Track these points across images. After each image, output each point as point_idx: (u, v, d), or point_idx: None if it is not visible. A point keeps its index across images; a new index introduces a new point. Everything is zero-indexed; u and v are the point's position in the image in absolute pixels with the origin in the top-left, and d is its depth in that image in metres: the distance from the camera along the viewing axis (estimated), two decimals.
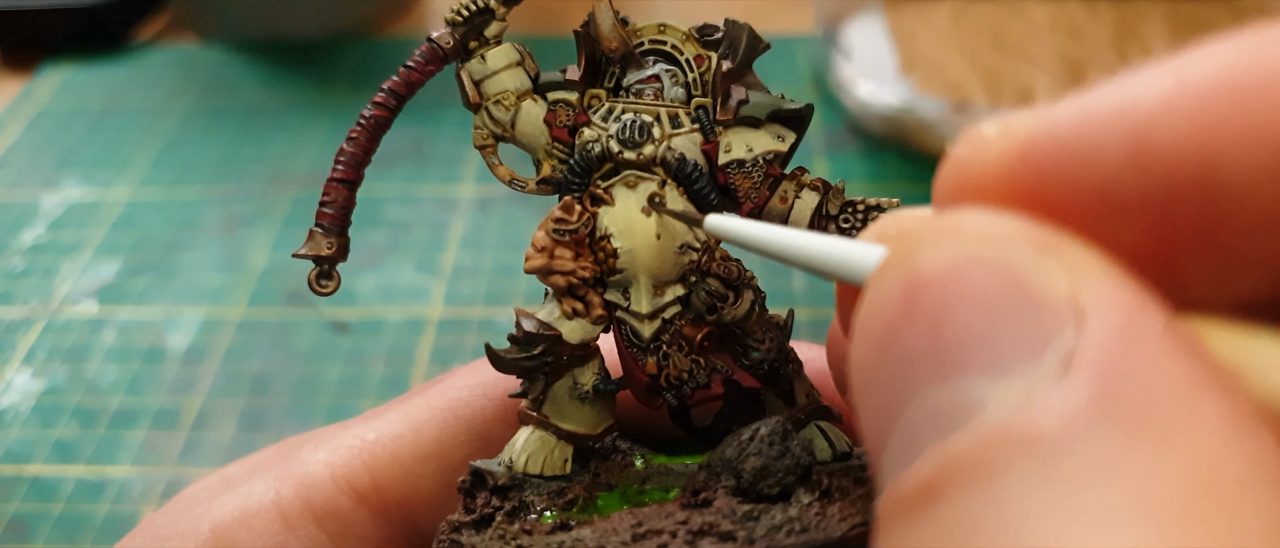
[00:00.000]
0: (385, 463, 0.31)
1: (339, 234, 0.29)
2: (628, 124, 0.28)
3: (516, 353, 0.28)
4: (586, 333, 0.28)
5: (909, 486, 0.15)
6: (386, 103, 0.29)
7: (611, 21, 0.28)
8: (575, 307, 0.28)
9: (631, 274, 0.28)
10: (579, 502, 0.28)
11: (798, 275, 0.62)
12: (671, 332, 0.28)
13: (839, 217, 0.29)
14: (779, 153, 0.28)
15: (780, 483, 0.26)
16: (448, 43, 0.29)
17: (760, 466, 0.26)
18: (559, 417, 0.29)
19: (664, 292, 0.28)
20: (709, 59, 0.28)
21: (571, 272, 0.28)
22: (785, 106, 0.28)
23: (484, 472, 0.28)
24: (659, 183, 0.28)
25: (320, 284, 0.29)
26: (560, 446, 0.29)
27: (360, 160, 0.29)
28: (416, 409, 0.32)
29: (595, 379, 0.29)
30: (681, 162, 0.28)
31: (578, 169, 0.28)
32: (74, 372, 0.58)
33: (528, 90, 0.29)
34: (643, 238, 0.28)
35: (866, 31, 0.76)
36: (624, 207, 0.28)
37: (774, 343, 0.29)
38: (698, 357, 0.28)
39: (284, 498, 0.30)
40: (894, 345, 0.16)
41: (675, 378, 0.28)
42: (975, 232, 0.16)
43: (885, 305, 0.17)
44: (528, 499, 0.28)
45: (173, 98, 0.81)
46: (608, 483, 0.29)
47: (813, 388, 0.30)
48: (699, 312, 0.28)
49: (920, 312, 0.16)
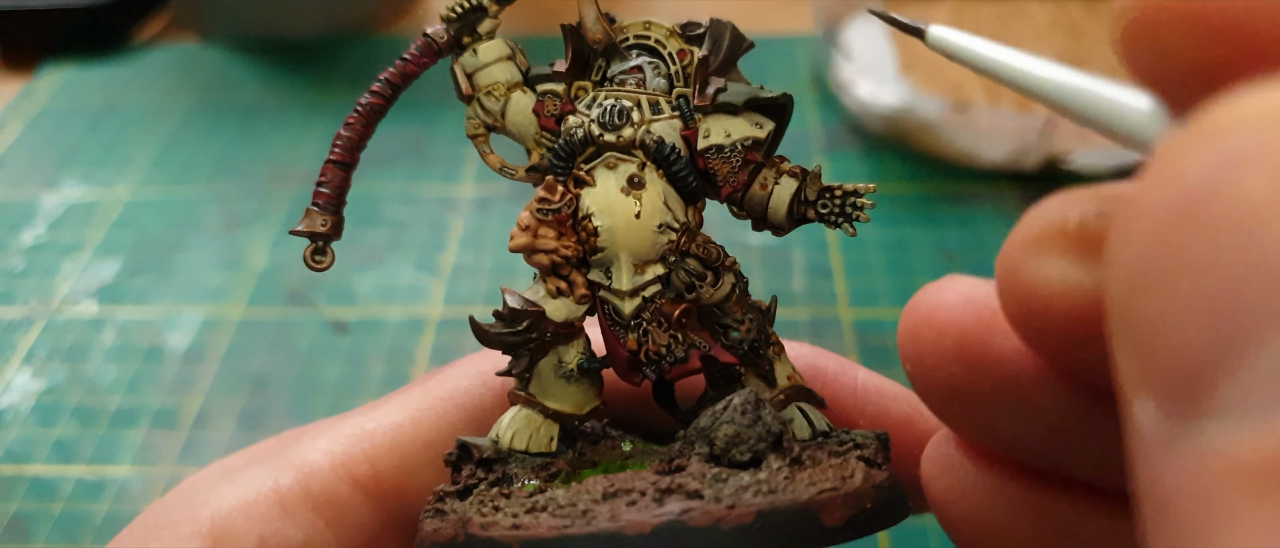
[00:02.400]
0: (384, 451, 0.31)
1: (334, 212, 0.30)
2: (608, 108, 0.29)
3: (501, 328, 0.29)
4: (570, 312, 0.29)
5: (1266, 453, 0.11)
6: (382, 91, 0.30)
7: (595, 15, 0.29)
8: (559, 286, 0.29)
9: (612, 253, 0.29)
10: (562, 475, 0.29)
11: (798, 276, 0.62)
12: (652, 310, 0.29)
13: (816, 202, 0.29)
14: (757, 139, 0.29)
15: (752, 449, 0.26)
16: (442, 37, 0.30)
17: (732, 433, 0.26)
18: (545, 395, 0.30)
19: (644, 270, 0.29)
20: (691, 53, 0.29)
21: (554, 250, 0.29)
22: (762, 95, 0.29)
23: (470, 445, 0.29)
24: (638, 165, 0.29)
25: (315, 260, 0.30)
26: (546, 424, 0.29)
27: (356, 144, 0.30)
28: (417, 399, 0.32)
29: (580, 358, 0.30)
30: (660, 144, 0.29)
31: (562, 153, 0.29)
32: (74, 371, 0.58)
33: (518, 82, 0.30)
34: (622, 216, 0.28)
35: (866, 31, 0.76)
36: (604, 187, 0.29)
37: (754, 324, 0.29)
38: (676, 331, 0.29)
39: (282, 486, 0.30)
40: (1233, 255, 0.11)
41: (654, 353, 0.29)
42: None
43: (1181, 181, 0.12)
44: (512, 472, 0.28)
45: (173, 98, 0.81)
46: (592, 461, 0.29)
47: (795, 371, 0.30)
48: (679, 291, 0.29)
49: (1227, 218, 0.11)
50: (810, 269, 0.62)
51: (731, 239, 0.31)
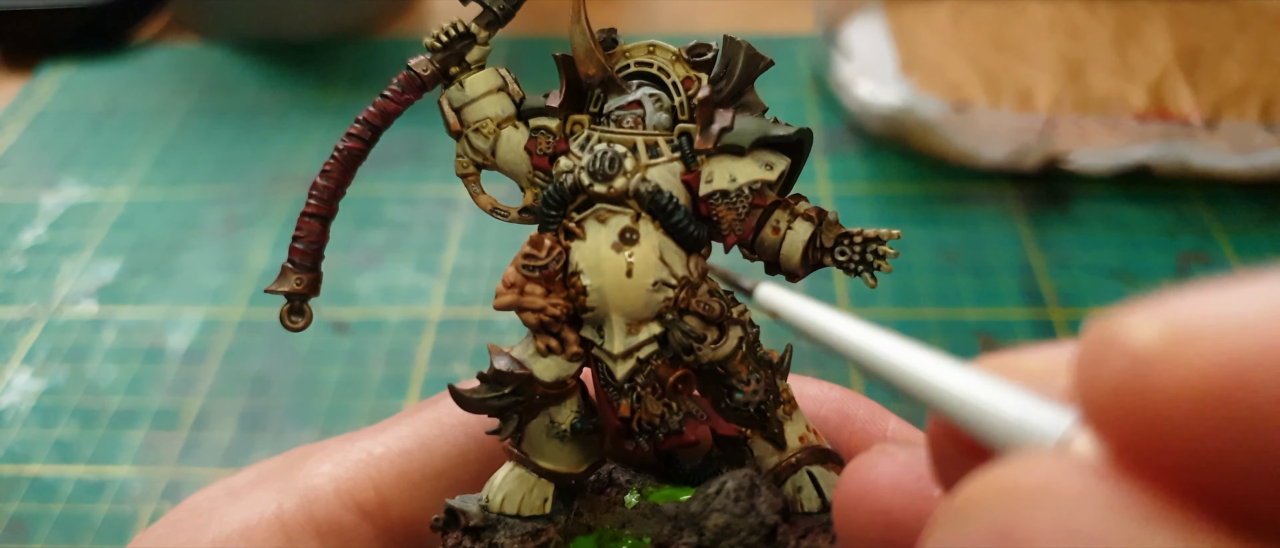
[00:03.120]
0: (391, 479, 0.30)
1: (310, 269, 0.29)
2: (599, 155, 0.26)
3: (485, 393, 0.27)
4: (562, 370, 0.27)
5: None
6: (361, 134, 0.28)
7: (587, 46, 0.27)
8: (550, 344, 0.27)
9: (603, 312, 0.26)
10: (551, 545, 0.27)
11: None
12: (647, 372, 0.26)
13: (834, 249, 0.27)
14: (767, 181, 0.26)
15: (743, 543, 0.24)
16: (425, 70, 0.28)
17: (723, 524, 0.25)
18: (538, 455, 0.28)
19: (638, 330, 0.26)
20: (699, 81, 0.27)
21: (541, 309, 0.26)
22: (773, 133, 0.26)
23: (458, 511, 0.27)
24: (633, 216, 0.26)
25: (291, 320, 0.29)
26: (540, 484, 0.28)
27: (333, 194, 0.28)
28: (426, 425, 0.31)
29: (574, 417, 0.27)
30: (656, 194, 0.26)
31: (552, 202, 0.27)
32: (74, 372, 0.58)
33: (509, 117, 0.28)
34: (611, 275, 0.26)
35: (866, 31, 0.76)
36: (594, 242, 0.26)
37: (760, 384, 0.26)
38: (670, 400, 0.27)
39: (286, 511, 0.29)
40: None
41: (647, 422, 0.27)
42: (1094, 500, 0.13)
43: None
44: (499, 542, 0.27)
45: (173, 98, 0.81)
46: (587, 525, 0.27)
47: (809, 430, 0.28)
48: (676, 352, 0.26)
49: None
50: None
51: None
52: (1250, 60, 0.70)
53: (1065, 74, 0.69)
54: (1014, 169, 0.68)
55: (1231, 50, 0.71)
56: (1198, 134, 0.65)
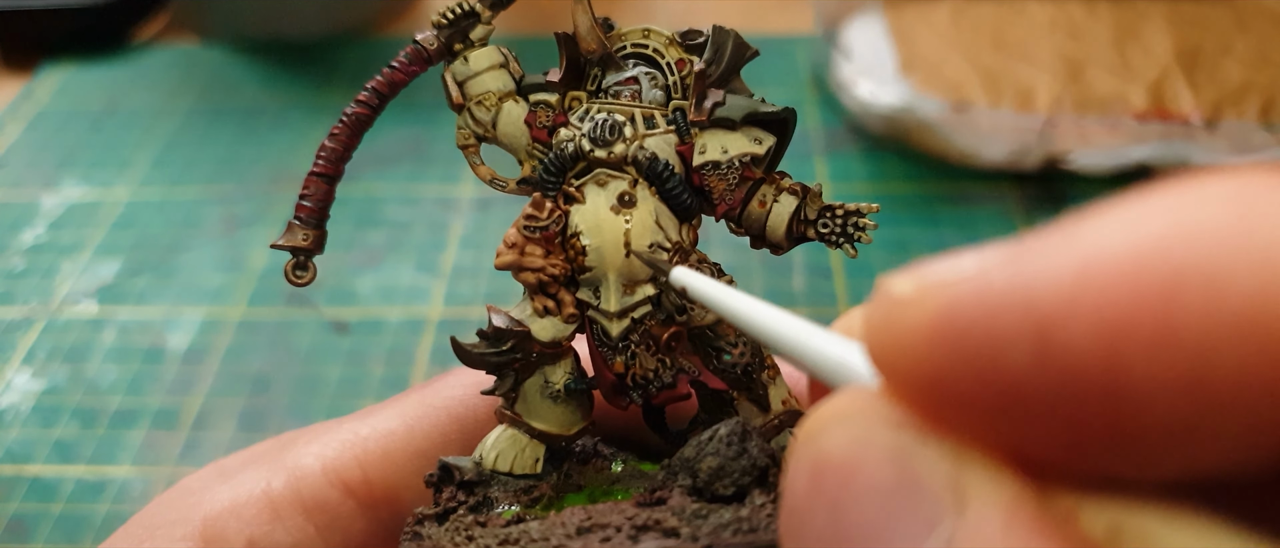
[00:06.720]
0: (376, 458, 0.31)
1: (315, 226, 0.30)
2: (599, 123, 0.28)
3: (484, 348, 0.28)
4: (558, 331, 0.28)
5: None
6: (369, 101, 0.29)
7: (589, 24, 0.28)
8: (547, 304, 0.28)
9: (601, 272, 0.28)
10: (544, 500, 0.28)
11: (798, 276, 0.62)
12: (641, 331, 0.28)
13: (817, 221, 0.28)
14: (755, 155, 0.28)
15: (736, 484, 0.25)
16: (432, 44, 0.29)
17: (716, 466, 0.26)
18: (531, 415, 0.29)
19: (634, 290, 0.28)
20: (691, 63, 0.28)
21: (541, 268, 0.28)
22: (762, 110, 0.28)
23: (452, 467, 0.28)
24: (630, 182, 0.28)
25: (296, 274, 0.30)
26: (532, 444, 0.29)
27: (341, 156, 0.30)
28: (411, 406, 0.32)
29: (567, 378, 0.29)
30: (652, 161, 0.28)
31: (552, 168, 0.28)
32: (74, 372, 0.58)
33: (510, 92, 0.29)
34: (611, 236, 0.28)
35: (866, 31, 0.76)
36: (594, 205, 0.28)
37: (748, 347, 0.28)
38: (664, 356, 0.28)
39: (274, 489, 0.30)
40: (805, 526, 0.17)
41: (641, 377, 0.28)
42: (871, 415, 0.17)
43: (796, 486, 0.17)
44: (493, 495, 0.28)
45: (173, 98, 0.81)
46: (577, 484, 0.29)
47: (791, 395, 0.29)
48: (670, 312, 0.28)
49: (823, 496, 0.17)
50: (810, 269, 0.62)
51: (732, 239, 0.31)
52: (1250, 60, 0.70)
53: (1065, 74, 0.69)
54: (1014, 169, 0.68)
55: (1231, 50, 0.71)
56: (1198, 134, 0.65)
